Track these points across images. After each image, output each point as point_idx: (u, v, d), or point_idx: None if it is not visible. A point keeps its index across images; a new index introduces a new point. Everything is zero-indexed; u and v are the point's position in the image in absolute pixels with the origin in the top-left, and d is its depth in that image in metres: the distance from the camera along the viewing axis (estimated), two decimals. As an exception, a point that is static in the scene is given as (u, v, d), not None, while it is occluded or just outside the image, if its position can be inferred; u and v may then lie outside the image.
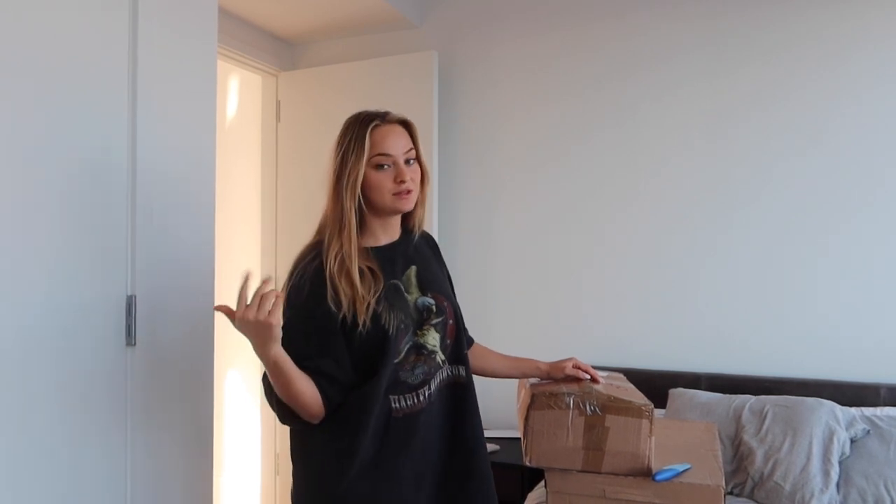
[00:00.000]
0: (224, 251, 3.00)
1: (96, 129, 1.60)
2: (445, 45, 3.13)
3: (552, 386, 1.53)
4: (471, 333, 1.62)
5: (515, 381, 1.81)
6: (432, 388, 1.41)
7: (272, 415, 1.42)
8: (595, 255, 2.91)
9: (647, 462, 1.44)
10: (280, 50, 3.34)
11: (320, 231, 1.45)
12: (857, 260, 2.54)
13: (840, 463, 2.17)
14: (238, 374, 3.43)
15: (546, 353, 2.87)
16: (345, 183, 1.38)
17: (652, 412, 1.43)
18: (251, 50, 3.14)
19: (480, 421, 1.48)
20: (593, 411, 1.44)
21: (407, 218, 1.51)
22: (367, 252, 1.42)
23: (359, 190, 1.38)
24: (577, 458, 1.46)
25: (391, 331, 1.35)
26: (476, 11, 3.10)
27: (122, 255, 1.65)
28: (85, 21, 1.57)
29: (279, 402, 1.35)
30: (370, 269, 1.39)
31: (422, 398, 1.39)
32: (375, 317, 1.35)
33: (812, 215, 2.60)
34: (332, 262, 1.35)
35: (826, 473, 2.14)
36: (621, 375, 1.70)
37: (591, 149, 2.91)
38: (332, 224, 1.39)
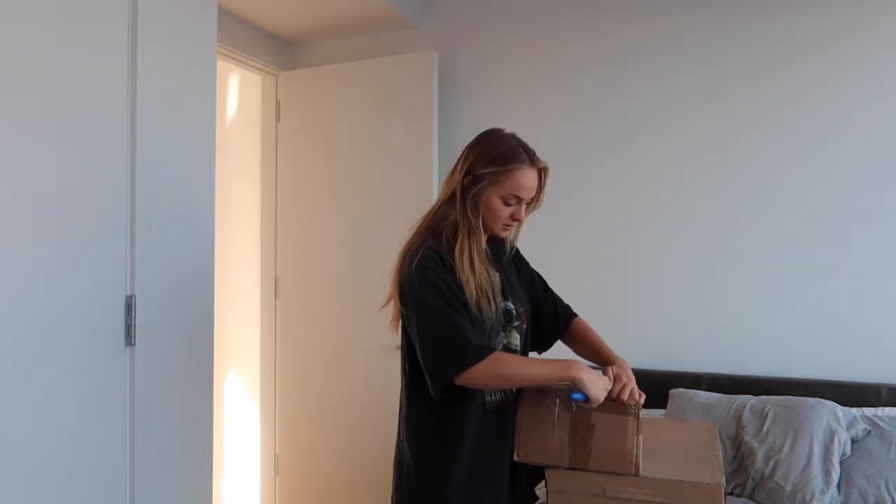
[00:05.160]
0: (224, 251, 3.01)
1: (95, 131, 1.60)
2: (445, 45, 3.12)
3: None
4: None
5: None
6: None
7: (272, 415, 1.42)
8: (594, 254, 2.89)
9: (634, 461, 1.42)
10: (280, 49, 3.34)
11: (434, 227, 1.55)
12: (859, 260, 2.53)
13: (841, 463, 2.17)
14: (238, 375, 3.42)
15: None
16: (469, 197, 1.52)
17: (639, 410, 1.43)
18: (251, 49, 3.14)
19: None
20: (579, 408, 1.44)
21: None
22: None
23: (480, 209, 1.52)
24: (564, 454, 1.45)
25: (488, 325, 1.50)
26: (476, 11, 3.10)
27: (121, 255, 1.66)
28: (83, 23, 1.57)
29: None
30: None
31: (508, 392, 1.55)
32: (480, 310, 1.48)
33: (815, 216, 2.59)
34: (463, 256, 1.48)
35: (827, 474, 2.13)
36: None
37: (592, 148, 2.90)
38: (461, 228, 1.52)
